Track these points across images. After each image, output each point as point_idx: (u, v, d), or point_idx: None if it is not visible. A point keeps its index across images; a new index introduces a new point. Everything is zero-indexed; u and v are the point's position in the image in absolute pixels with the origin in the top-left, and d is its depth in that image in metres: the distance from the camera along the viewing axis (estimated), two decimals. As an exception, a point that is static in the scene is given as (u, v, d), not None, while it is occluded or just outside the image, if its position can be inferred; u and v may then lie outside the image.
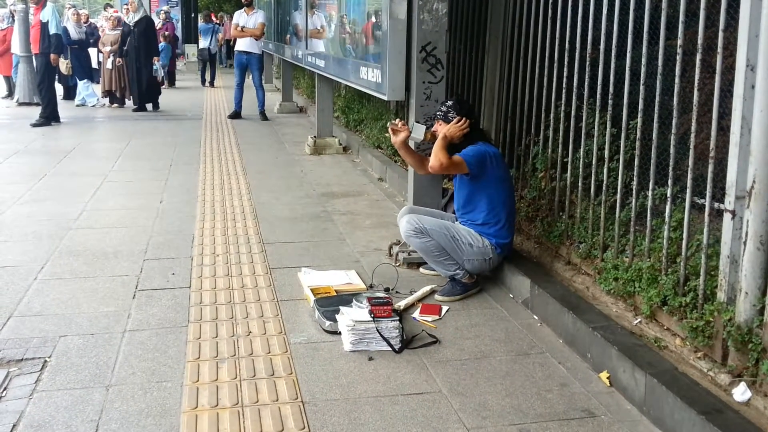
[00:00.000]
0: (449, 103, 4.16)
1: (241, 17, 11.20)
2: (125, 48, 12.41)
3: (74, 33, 13.04)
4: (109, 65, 12.65)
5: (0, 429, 2.68)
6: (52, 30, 10.66)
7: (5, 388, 2.98)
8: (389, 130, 4.23)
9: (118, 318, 3.70)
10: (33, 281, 4.20)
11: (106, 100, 13.13)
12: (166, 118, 11.74)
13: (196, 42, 20.01)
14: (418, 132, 4.14)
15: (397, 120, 4.27)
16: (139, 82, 12.34)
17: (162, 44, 16.60)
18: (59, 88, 13.78)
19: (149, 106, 12.61)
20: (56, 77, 11.77)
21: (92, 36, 14.32)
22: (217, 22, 18.30)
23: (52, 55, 10.60)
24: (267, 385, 3.01)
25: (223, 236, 5.13)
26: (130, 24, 12.33)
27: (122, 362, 3.22)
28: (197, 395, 2.92)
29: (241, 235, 5.15)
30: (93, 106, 12.99)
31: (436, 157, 3.98)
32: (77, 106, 12.92)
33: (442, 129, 4.07)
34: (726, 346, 2.83)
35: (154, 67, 12.33)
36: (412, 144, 4.34)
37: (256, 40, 11.20)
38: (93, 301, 3.93)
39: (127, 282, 4.22)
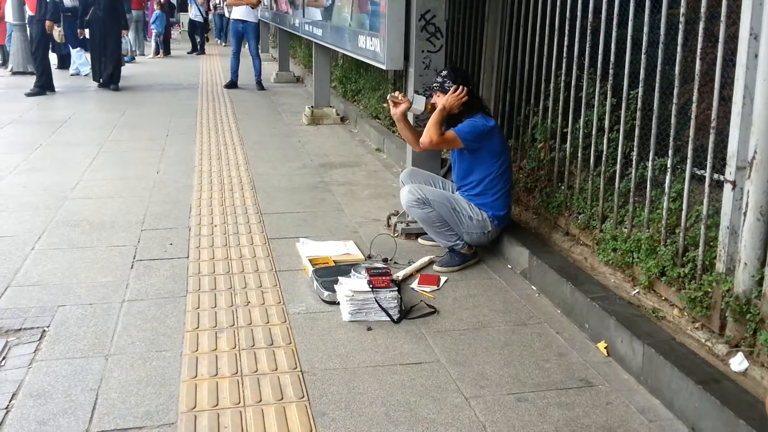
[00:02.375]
0: (444, 72, 4.11)
1: (237, -16, 11.07)
2: (86, 18, 11.07)
3: (69, 1, 12.84)
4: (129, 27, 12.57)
5: (0, 398, 2.68)
6: None
7: (4, 358, 2.98)
8: (389, 102, 4.19)
9: (117, 288, 3.70)
10: (30, 251, 4.19)
11: None
12: (161, 87, 11.63)
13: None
14: (419, 103, 4.10)
15: (397, 92, 4.23)
16: (106, 58, 11.02)
17: (157, 12, 16.44)
18: (53, 57, 13.67)
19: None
20: (50, 46, 11.60)
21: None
22: None
23: (47, 22, 10.44)
24: (266, 355, 3.02)
25: (220, 207, 5.11)
26: None
27: (121, 332, 3.23)
28: (196, 364, 2.93)
29: (238, 206, 5.14)
30: (86, 75, 12.84)
31: (427, 134, 3.93)
32: (72, 75, 12.79)
33: (440, 100, 4.03)
34: (724, 317, 2.84)
35: (122, 41, 11.31)
36: (411, 117, 4.30)
37: (253, 8, 11.07)
38: (91, 271, 3.92)
39: (125, 252, 4.21)
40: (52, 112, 9.15)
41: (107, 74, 11.02)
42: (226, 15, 16.95)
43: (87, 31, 11.17)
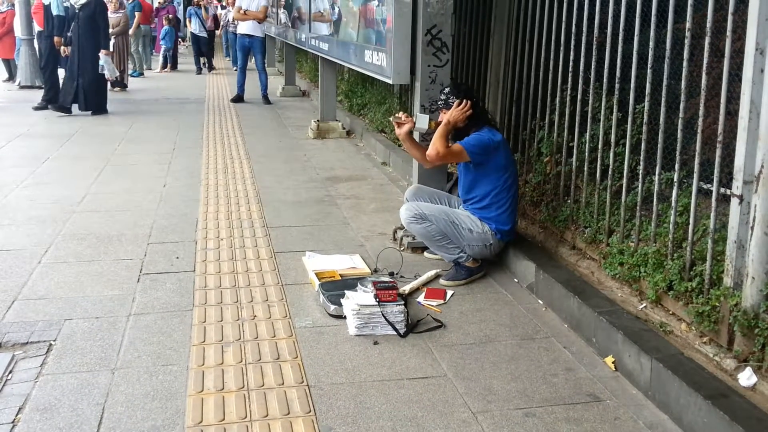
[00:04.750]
0: (446, 89, 4.14)
1: (244, 0, 11.12)
2: (69, 35, 10.06)
3: None
4: (110, 48, 12.54)
5: (6, 412, 2.69)
6: (54, 11, 10.57)
7: (11, 371, 2.98)
8: (393, 123, 4.21)
9: (123, 301, 3.71)
10: (37, 265, 4.20)
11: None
12: (168, 102, 11.69)
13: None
14: (422, 122, 4.12)
15: (401, 113, 4.25)
16: (80, 79, 9.85)
17: (165, 27, 16.51)
18: (60, 72, 13.76)
19: (88, 107, 10.08)
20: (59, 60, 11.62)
21: None
22: (198, 3, 17.46)
23: (55, 38, 10.49)
24: (272, 369, 3.02)
25: (227, 220, 5.12)
26: (75, 6, 9.89)
27: (127, 346, 3.23)
28: (203, 379, 2.93)
29: (245, 219, 5.15)
30: None
31: (434, 146, 3.95)
32: None
33: (445, 116, 4.05)
34: (732, 331, 2.83)
35: (100, 62, 9.93)
36: (416, 136, 4.31)
37: (259, 23, 11.13)
38: (97, 284, 3.93)
39: (132, 266, 4.21)
40: (59, 125, 9.20)
41: (82, 99, 9.88)
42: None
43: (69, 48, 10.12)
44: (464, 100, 4.02)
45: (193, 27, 16.51)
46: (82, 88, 9.86)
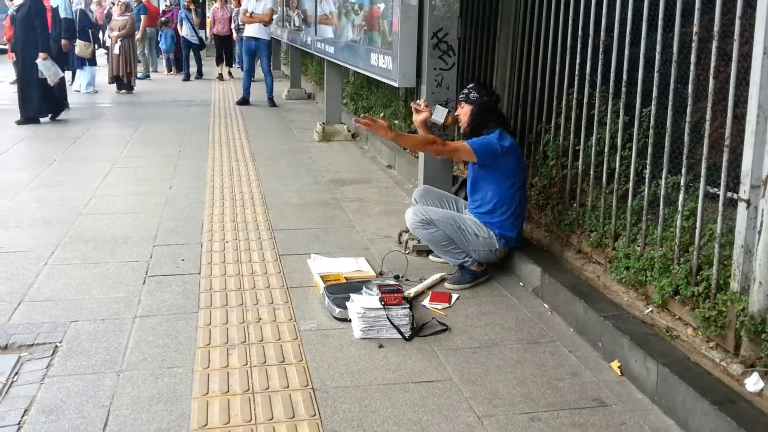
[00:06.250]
0: (471, 84, 4.19)
1: (250, 3, 11.13)
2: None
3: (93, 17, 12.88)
4: (116, 50, 12.57)
5: (12, 413, 2.69)
6: (62, 14, 10.60)
7: (17, 373, 2.99)
8: (412, 108, 4.26)
9: (129, 303, 3.71)
10: (43, 266, 4.21)
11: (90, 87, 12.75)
12: (174, 104, 11.72)
13: (205, 28, 19.62)
14: (439, 114, 4.16)
15: (420, 100, 4.29)
16: (21, 86, 9.35)
17: (167, 30, 16.50)
18: (68, 75, 13.77)
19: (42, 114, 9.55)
20: (70, 62, 11.61)
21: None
22: (188, 7, 16.87)
23: (63, 41, 10.49)
24: (277, 372, 3.02)
25: (232, 222, 5.13)
26: (14, 10, 9.23)
27: (133, 348, 3.23)
28: (208, 381, 2.93)
29: (250, 222, 5.15)
30: (87, 92, 12.76)
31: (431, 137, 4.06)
32: (85, 93, 12.82)
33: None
34: (739, 336, 2.82)
35: (39, 67, 9.08)
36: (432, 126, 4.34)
37: (265, 26, 11.15)
38: (103, 286, 3.94)
39: (137, 268, 4.22)
40: (65, 128, 9.22)
41: (33, 106, 9.32)
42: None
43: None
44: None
45: (185, 31, 16.12)
46: (28, 93, 9.28)
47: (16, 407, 2.73)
